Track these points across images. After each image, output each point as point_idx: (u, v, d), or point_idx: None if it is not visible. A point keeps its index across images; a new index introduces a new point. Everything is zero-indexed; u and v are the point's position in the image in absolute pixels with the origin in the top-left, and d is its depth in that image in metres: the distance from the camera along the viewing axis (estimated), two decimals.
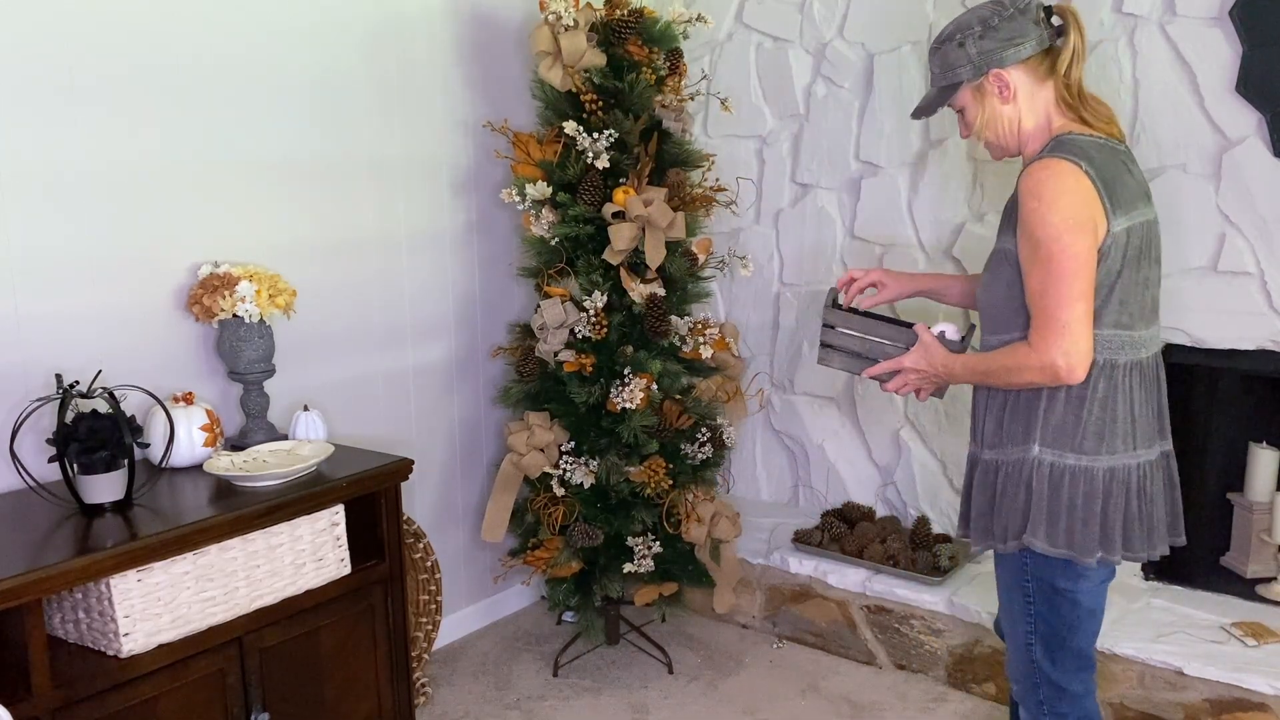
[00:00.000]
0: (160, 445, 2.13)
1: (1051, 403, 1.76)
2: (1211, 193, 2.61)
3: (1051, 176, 1.68)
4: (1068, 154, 1.70)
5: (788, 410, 3.52)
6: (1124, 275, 1.72)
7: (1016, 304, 1.77)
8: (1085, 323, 1.68)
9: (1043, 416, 1.77)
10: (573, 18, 2.67)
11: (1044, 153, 1.75)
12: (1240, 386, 2.87)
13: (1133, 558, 1.82)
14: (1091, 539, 1.76)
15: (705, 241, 2.93)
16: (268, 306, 2.32)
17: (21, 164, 2.08)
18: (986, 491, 1.87)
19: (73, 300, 2.19)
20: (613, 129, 2.69)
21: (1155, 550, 1.85)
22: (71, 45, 2.14)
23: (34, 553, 1.75)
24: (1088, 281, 1.67)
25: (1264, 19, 2.46)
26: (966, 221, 3.03)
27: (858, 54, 3.19)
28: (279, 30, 2.52)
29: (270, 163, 2.53)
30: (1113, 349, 1.74)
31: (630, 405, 2.69)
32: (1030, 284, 1.71)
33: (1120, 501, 1.77)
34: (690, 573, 2.95)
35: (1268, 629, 2.58)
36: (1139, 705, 2.56)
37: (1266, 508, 2.81)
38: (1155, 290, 1.81)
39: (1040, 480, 1.77)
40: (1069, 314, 1.67)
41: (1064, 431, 1.76)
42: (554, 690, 2.93)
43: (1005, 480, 1.82)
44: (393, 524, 2.28)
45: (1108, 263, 1.70)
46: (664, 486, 2.76)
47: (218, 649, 1.95)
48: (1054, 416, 1.76)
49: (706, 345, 2.86)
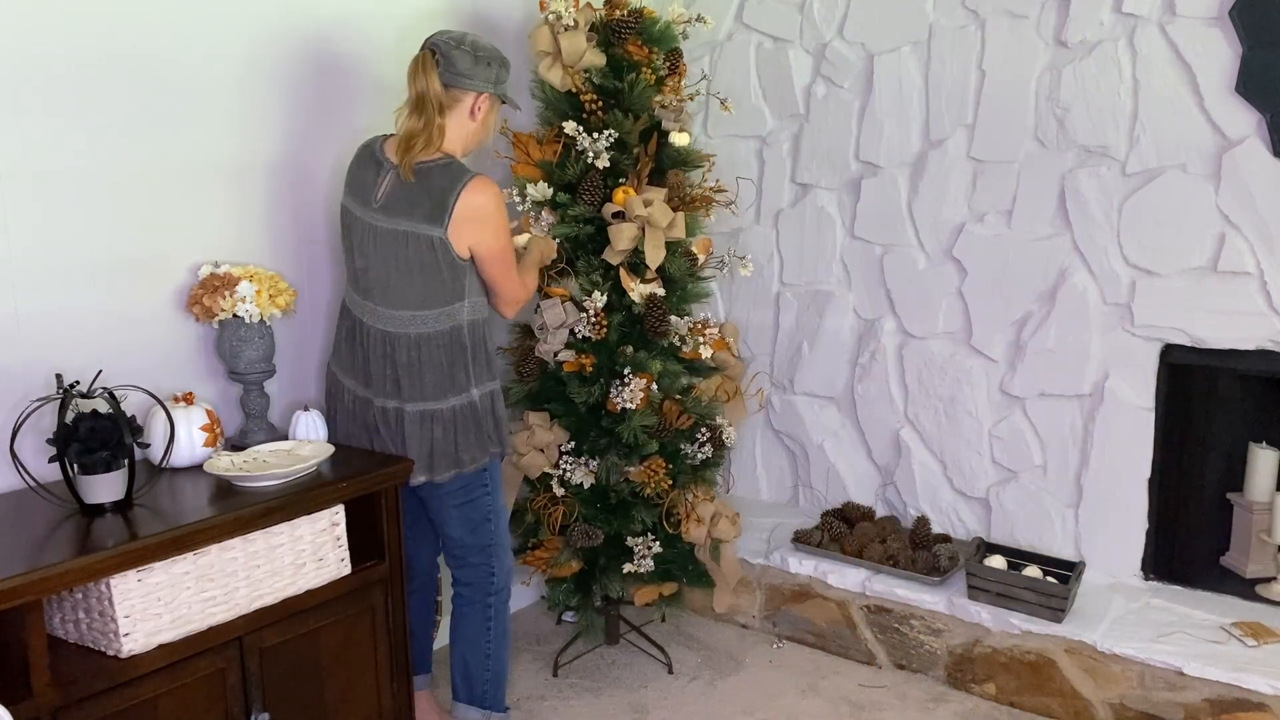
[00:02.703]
0: (160, 445, 2.13)
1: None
2: (1211, 193, 2.61)
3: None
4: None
5: (788, 410, 3.52)
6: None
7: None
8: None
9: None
10: (573, 18, 2.67)
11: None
12: (1240, 386, 2.87)
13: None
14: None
15: (705, 241, 2.93)
16: (268, 306, 2.32)
17: (22, 164, 2.08)
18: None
19: (73, 300, 2.18)
20: (612, 129, 2.69)
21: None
22: (72, 45, 2.13)
23: (34, 553, 1.74)
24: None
25: (1264, 19, 2.46)
26: (966, 221, 3.03)
27: (858, 54, 3.19)
28: (280, 31, 2.51)
29: (271, 163, 2.53)
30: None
31: (630, 405, 2.69)
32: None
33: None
34: (690, 573, 2.95)
35: (1268, 629, 2.58)
36: (1139, 705, 2.56)
37: (1266, 508, 2.81)
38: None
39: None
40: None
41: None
42: (554, 690, 2.93)
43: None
44: (393, 524, 2.28)
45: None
46: (664, 486, 2.76)
47: (218, 649, 1.95)
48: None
49: (706, 345, 2.86)
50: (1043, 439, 2.98)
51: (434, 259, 2.25)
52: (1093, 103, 2.75)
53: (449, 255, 2.25)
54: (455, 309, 2.29)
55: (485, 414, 2.37)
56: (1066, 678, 2.67)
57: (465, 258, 2.27)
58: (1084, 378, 2.87)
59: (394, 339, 2.29)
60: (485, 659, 2.52)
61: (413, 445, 2.31)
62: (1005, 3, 2.87)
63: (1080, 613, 2.73)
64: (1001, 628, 2.77)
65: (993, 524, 3.11)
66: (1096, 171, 2.78)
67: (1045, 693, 2.72)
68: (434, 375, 2.29)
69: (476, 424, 2.35)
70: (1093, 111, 2.75)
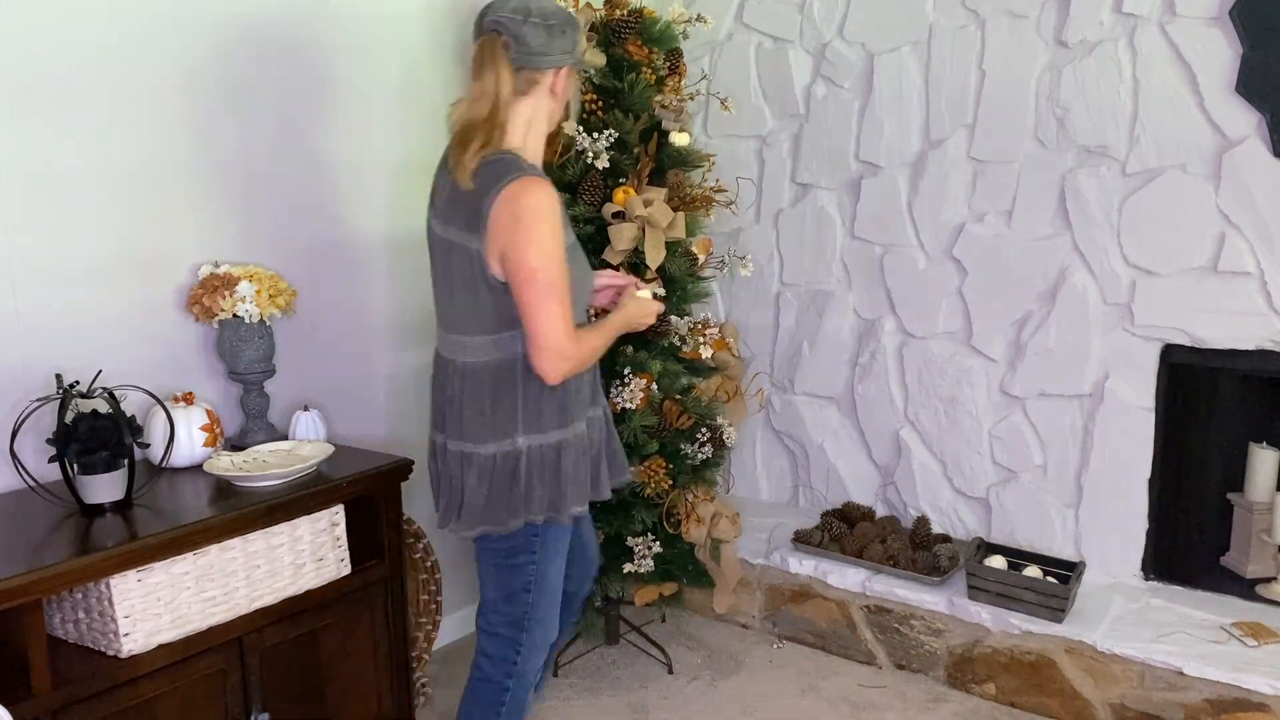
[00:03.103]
0: (160, 445, 2.13)
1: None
2: (1211, 193, 2.61)
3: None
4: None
5: (788, 410, 3.52)
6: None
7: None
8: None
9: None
10: None
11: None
12: (1240, 386, 2.87)
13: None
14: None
15: (705, 241, 2.93)
16: (268, 306, 2.32)
17: (22, 164, 2.08)
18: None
19: (73, 300, 2.18)
20: (613, 129, 2.69)
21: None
22: (72, 46, 2.14)
23: (34, 553, 1.75)
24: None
25: (1264, 19, 2.46)
26: (966, 221, 3.03)
27: (858, 54, 3.19)
28: (280, 31, 2.51)
29: (271, 163, 2.53)
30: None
31: (630, 405, 2.69)
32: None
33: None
34: (690, 573, 2.95)
35: (1268, 629, 2.58)
36: (1139, 705, 2.56)
37: (1266, 508, 2.81)
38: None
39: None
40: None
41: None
42: (554, 690, 2.92)
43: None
44: (393, 524, 2.28)
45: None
46: (664, 486, 2.76)
47: (218, 649, 1.95)
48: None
49: (706, 345, 2.86)
50: (1043, 439, 2.98)
51: (473, 275, 1.88)
52: (1093, 103, 2.75)
53: (485, 271, 1.87)
54: (505, 339, 1.91)
55: (536, 468, 1.95)
56: (1067, 678, 2.67)
57: (499, 276, 1.86)
58: (1084, 378, 2.87)
59: (446, 365, 2.00)
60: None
61: (442, 486, 2.03)
62: (1005, 3, 2.87)
63: (1080, 613, 2.73)
64: (1001, 628, 2.77)
65: (993, 524, 3.11)
66: (1096, 171, 2.78)
67: (1045, 693, 2.72)
68: (473, 413, 1.94)
69: (512, 478, 1.94)
70: (1093, 111, 2.75)
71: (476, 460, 1.94)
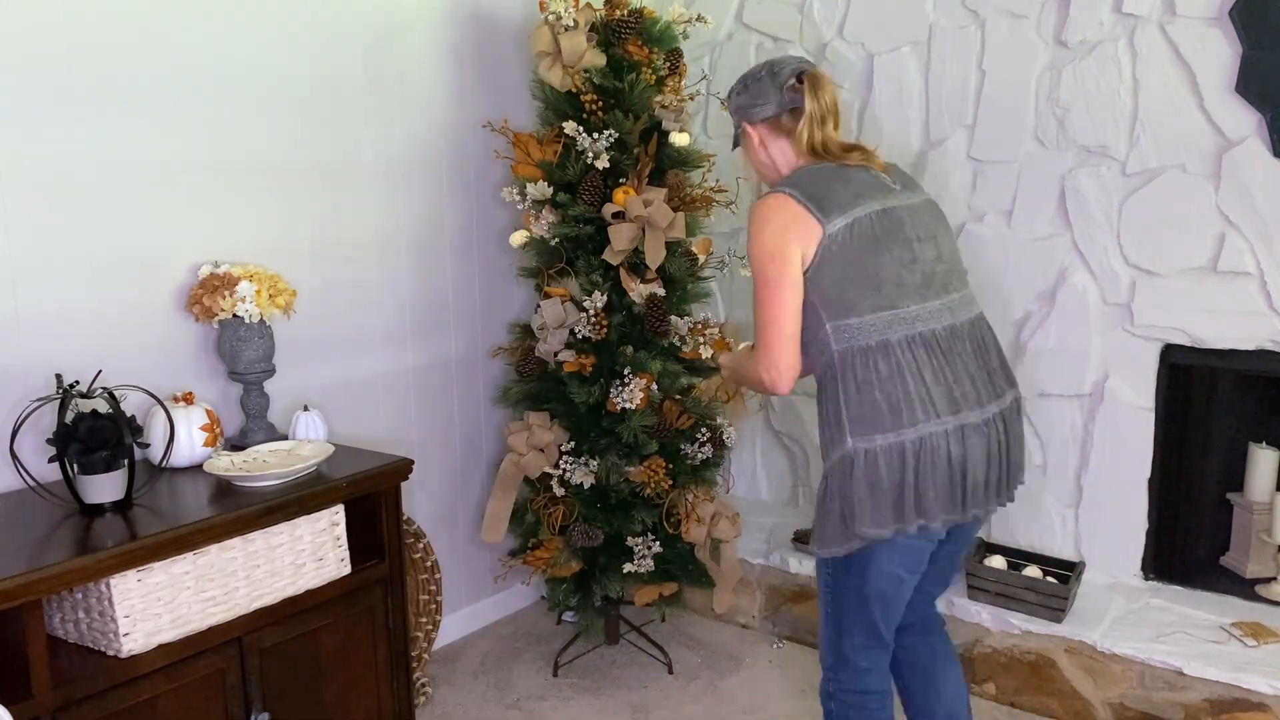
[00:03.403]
0: (160, 445, 2.13)
1: (847, 396, 1.84)
2: (1211, 193, 2.61)
3: (758, 211, 1.90)
4: (780, 186, 1.91)
5: (788, 410, 3.52)
6: (866, 261, 1.83)
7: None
8: (782, 343, 1.85)
9: (845, 409, 1.84)
10: (573, 18, 2.67)
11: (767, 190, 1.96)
12: (1240, 386, 2.87)
13: (947, 521, 1.85)
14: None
15: (705, 241, 2.93)
16: (268, 306, 2.32)
17: (22, 164, 2.08)
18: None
19: (73, 300, 2.19)
20: (612, 129, 2.69)
21: (966, 513, 1.86)
22: (72, 46, 2.14)
23: (34, 553, 1.75)
24: (783, 305, 1.84)
25: (1264, 19, 2.46)
26: (966, 221, 3.03)
27: (858, 54, 3.19)
28: (279, 31, 2.52)
29: (271, 163, 2.53)
30: (879, 330, 1.82)
31: (630, 405, 2.69)
32: (754, 304, 1.90)
33: (928, 469, 1.81)
34: (690, 573, 2.95)
35: (1268, 629, 2.58)
36: (1139, 705, 2.56)
37: (1266, 508, 2.81)
38: (934, 265, 1.90)
39: (861, 466, 1.82)
40: (768, 335, 1.86)
41: (864, 417, 1.82)
42: (554, 690, 2.93)
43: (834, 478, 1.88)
44: (393, 524, 2.28)
45: (832, 260, 1.83)
46: (664, 486, 2.76)
47: (218, 649, 1.95)
48: (853, 408, 1.83)
49: (706, 345, 2.86)
50: (1043, 439, 2.98)
51: (947, 225, 2.04)
52: (1093, 103, 2.75)
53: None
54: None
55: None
56: (1066, 678, 2.67)
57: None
58: (1084, 378, 2.87)
59: (962, 329, 1.94)
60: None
61: (1014, 452, 1.96)
62: (1005, 3, 2.87)
63: (1080, 613, 2.73)
64: (1001, 628, 2.77)
65: (993, 524, 3.10)
66: (1096, 171, 2.78)
67: (1045, 693, 2.72)
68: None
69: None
70: (1093, 111, 2.75)
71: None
